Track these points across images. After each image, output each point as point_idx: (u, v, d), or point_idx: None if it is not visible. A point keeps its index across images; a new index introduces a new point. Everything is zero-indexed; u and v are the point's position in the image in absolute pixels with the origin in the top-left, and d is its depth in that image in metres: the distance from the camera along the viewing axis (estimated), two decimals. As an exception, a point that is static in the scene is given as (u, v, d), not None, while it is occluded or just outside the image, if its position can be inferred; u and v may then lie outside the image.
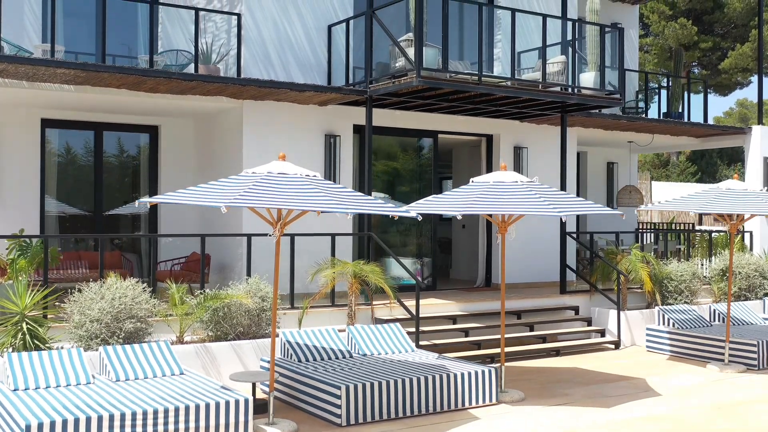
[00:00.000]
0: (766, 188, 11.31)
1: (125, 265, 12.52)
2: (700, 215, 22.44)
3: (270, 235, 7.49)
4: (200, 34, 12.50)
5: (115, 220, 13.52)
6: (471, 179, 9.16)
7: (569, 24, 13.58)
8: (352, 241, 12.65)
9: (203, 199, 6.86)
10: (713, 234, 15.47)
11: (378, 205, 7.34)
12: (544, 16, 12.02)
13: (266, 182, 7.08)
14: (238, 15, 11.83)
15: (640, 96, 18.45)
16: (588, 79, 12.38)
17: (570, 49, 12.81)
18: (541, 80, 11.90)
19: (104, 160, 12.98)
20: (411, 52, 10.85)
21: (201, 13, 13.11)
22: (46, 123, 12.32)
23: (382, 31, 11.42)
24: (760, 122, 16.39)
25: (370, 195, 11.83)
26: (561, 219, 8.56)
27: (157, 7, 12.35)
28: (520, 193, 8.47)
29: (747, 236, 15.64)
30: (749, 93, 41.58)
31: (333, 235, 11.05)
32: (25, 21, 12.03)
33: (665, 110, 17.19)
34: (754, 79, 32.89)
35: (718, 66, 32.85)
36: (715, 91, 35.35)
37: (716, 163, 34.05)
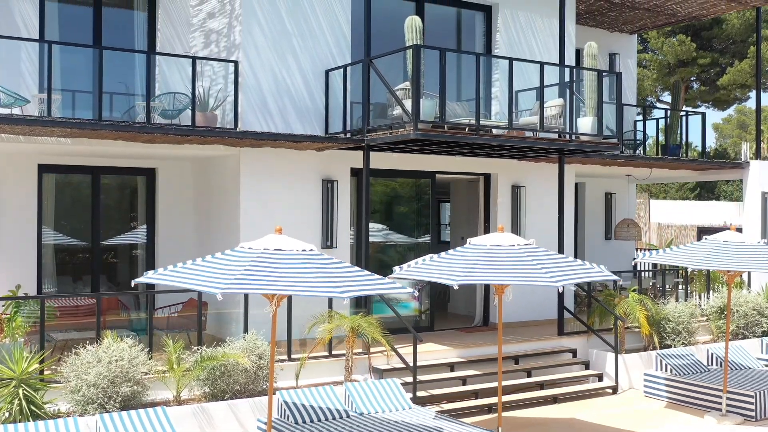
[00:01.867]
0: (764, 240, 11.27)
1: (122, 310, 12.51)
2: (699, 239, 22.36)
3: (266, 311, 7.48)
4: (198, 78, 12.48)
5: (113, 251, 13.51)
6: (468, 240, 9.16)
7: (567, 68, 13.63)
8: (349, 261, 12.59)
9: (200, 282, 6.85)
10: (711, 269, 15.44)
11: (374, 283, 7.33)
12: (542, 64, 12.01)
13: (262, 262, 7.07)
14: (236, 63, 11.81)
15: (638, 125, 18.45)
16: (585, 124, 12.37)
17: (568, 91, 12.80)
18: (538, 127, 11.88)
19: (102, 200, 12.95)
20: (408, 103, 10.84)
21: (199, 54, 13.12)
22: (43, 168, 12.30)
23: (381, 65, 11.43)
24: (758, 139, 16.39)
25: (368, 244, 11.84)
26: (558, 290, 8.55)
27: (154, 57, 12.35)
28: (517, 259, 8.46)
29: (745, 273, 15.63)
30: (748, 102, 41.48)
31: (330, 286, 11.02)
32: (22, 67, 12.01)
33: (663, 140, 17.16)
34: (753, 94, 32.89)
35: (717, 82, 32.81)
36: (713, 105, 35.36)
37: (715, 178, 34.07)
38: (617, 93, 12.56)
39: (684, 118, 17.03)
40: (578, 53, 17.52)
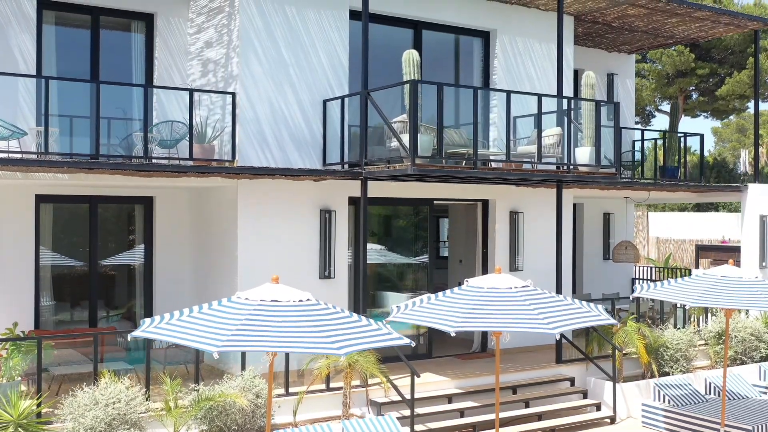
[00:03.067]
0: (762, 273, 11.30)
1: (119, 337, 12.49)
2: (698, 258, 22.44)
3: (264, 360, 7.48)
4: (195, 106, 12.47)
5: (111, 276, 13.49)
6: (465, 280, 9.15)
7: (567, 90, 13.65)
8: (346, 292, 12.67)
9: (197, 339, 6.83)
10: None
11: (371, 336, 7.31)
12: (539, 96, 12.01)
13: (258, 315, 7.05)
14: (233, 94, 11.79)
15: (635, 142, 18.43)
16: (583, 154, 12.36)
17: (566, 120, 12.80)
18: (536, 158, 11.88)
19: (99, 228, 12.94)
20: (406, 137, 10.82)
21: (197, 84, 13.11)
22: (40, 198, 12.28)
23: (379, 97, 11.44)
24: (756, 148, 16.32)
25: (366, 276, 11.83)
26: (555, 338, 8.54)
27: (152, 90, 12.35)
28: (515, 304, 8.44)
29: (743, 294, 15.60)
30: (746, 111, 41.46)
31: (328, 319, 11.02)
32: (20, 98, 11.97)
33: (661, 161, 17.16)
34: (751, 104, 32.86)
35: (716, 92, 32.81)
36: (712, 115, 35.37)
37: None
38: (615, 123, 12.54)
39: (682, 139, 17.02)
40: (576, 74, 17.54)
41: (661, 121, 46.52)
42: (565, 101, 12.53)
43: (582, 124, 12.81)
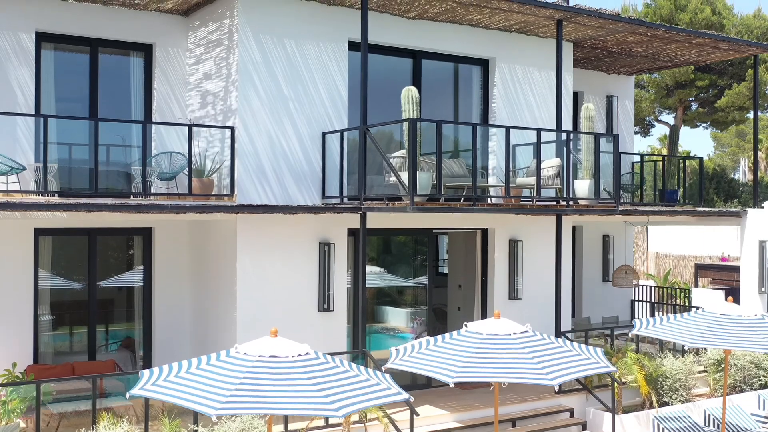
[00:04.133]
0: (760, 301, 11.29)
1: (118, 370, 12.49)
2: (697, 277, 22.44)
3: (262, 421, 7.49)
4: (194, 137, 12.47)
5: (110, 306, 13.48)
6: (465, 324, 9.14)
7: (566, 117, 13.64)
8: (345, 325, 12.65)
9: (195, 400, 6.82)
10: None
11: (371, 394, 7.31)
12: (538, 131, 12.00)
13: (257, 373, 7.05)
14: (232, 129, 11.78)
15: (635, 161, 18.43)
16: (582, 187, 12.35)
17: (565, 150, 12.80)
18: (535, 192, 11.86)
19: (98, 259, 12.92)
20: (405, 175, 10.81)
21: (196, 116, 13.11)
22: (39, 231, 12.27)
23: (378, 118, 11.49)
24: (756, 159, 16.27)
25: (365, 310, 11.82)
26: (554, 389, 8.55)
27: (150, 126, 12.35)
28: (514, 352, 8.44)
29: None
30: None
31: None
32: (18, 132, 11.97)
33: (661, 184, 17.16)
34: (751, 115, 32.83)
35: (715, 104, 32.78)
36: (712, 126, 35.31)
37: (713, 199, 34.00)
38: (615, 155, 12.53)
39: (681, 163, 17.01)
40: (576, 96, 17.55)
41: (660, 130, 46.69)
42: (564, 134, 12.49)
43: (581, 154, 12.79)
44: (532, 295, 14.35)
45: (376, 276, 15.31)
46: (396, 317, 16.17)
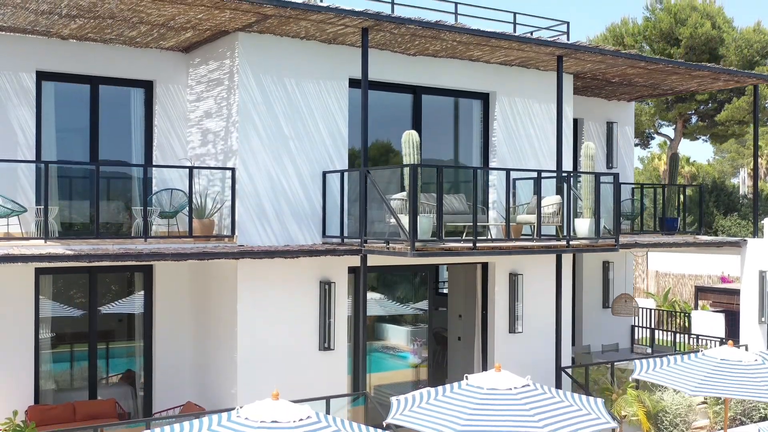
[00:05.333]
0: (760, 331, 11.27)
1: (119, 413, 12.50)
2: (696, 300, 22.45)
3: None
4: (195, 174, 12.48)
5: (111, 340, 13.49)
6: (465, 376, 9.15)
7: (566, 148, 13.65)
8: (346, 364, 12.68)
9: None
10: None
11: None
12: (539, 172, 12.00)
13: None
14: (232, 170, 11.79)
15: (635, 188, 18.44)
16: (582, 226, 12.36)
17: (565, 187, 12.81)
18: (535, 235, 11.88)
19: (99, 294, 12.94)
20: (405, 219, 10.82)
21: (197, 153, 13.12)
22: (40, 270, 12.28)
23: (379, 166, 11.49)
24: (755, 173, 16.23)
25: (365, 350, 11.84)
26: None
27: (151, 169, 12.37)
28: (515, 408, 8.45)
29: (742, 350, 15.63)
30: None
31: (328, 399, 11.08)
32: (18, 171, 11.97)
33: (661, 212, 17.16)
34: (751, 129, 32.82)
35: (715, 118, 32.81)
36: (711, 139, 35.36)
37: (712, 212, 34.02)
38: (615, 193, 12.54)
39: (681, 189, 17.03)
40: (576, 123, 17.57)
41: (660, 141, 46.67)
42: (566, 145, 12.53)
43: (581, 190, 12.80)
44: (533, 329, 14.37)
45: (375, 303, 15.35)
46: (396, 335, 16.21)
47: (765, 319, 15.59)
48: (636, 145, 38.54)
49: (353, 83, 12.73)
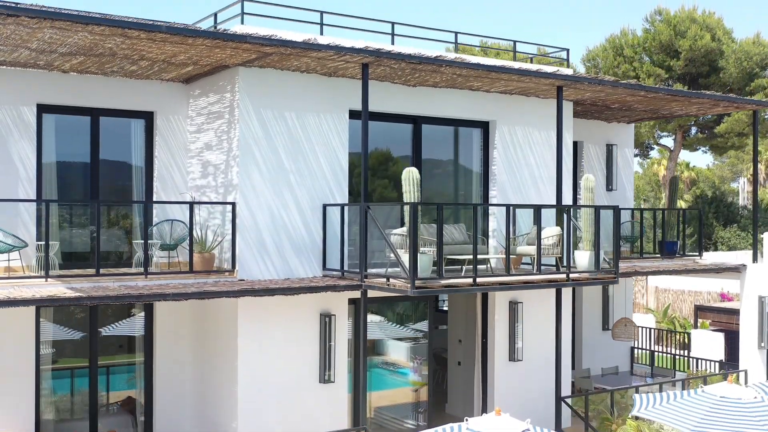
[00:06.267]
0: (759, 356, 11.26)
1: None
2: (696, 319, 22.47)
3: None
4: (195, 206, 12.50)
5: (111, 356, 13.53)
6: (465, 419, 9.17)
7: (566, 176, 13.67)
8: (347, 396, 12.70)
9: None
10: (707, 377, 15.55)
11: None
12: (538, 208, 12.01)
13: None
14: (233, 204, 11.81)
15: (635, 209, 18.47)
16: (582, 259, 12.38)
17: (565, 217, 12.84)
18: (535, 269, 11.90)
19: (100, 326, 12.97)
20: (405, 257, 10.84)
21: (197, 184, 13.14)
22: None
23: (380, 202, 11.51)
24: (755, 186, 16.24)
25: (366, 383, 11.87)
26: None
27: (152, 192, 12.38)
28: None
29: (742, 375, 15.67)
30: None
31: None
32: (20, 206, 11.98)
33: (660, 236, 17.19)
34: (750, 141, 32.86)
35: (714, 129, 32.85)
36: (711, 151, 35.41)
37: (712, 224, 34.09)
38: (615, 226, 12.56)
39: (680, 213, 17.05)
40: (575, 146, 17.60)
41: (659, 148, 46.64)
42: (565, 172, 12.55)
43: (580, 221, 12.81)
44: (533, 357, 14.40)
45: (375, 325, 15.36)
46: (396, 350, 16.21)
47: (765, 344, 15.61)
48: (636, 155, 38.59)
49: (353, 114, 12.75)
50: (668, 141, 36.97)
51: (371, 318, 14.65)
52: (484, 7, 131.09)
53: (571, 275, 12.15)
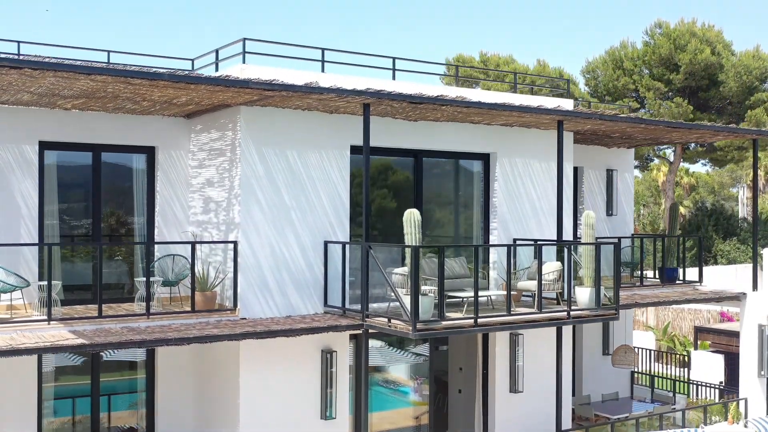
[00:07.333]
0: (759, 384, 11.28)
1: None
2: (696, 341, 22.51)
3: None
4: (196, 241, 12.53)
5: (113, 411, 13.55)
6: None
7: (566, 205, 13.69)
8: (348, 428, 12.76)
9: None
10: (708, 406, 15.61)
11: None
12: (539, 244, 12.05)
13: None
14: (235, 243, 11.84)
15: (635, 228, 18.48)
16: (583, 296, 12.42)
17: (566, 252, 12.88)
18: (536, 308, 11.94)
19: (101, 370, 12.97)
20: (407, 300, 10.87)
21: (199, 219, 13.17)
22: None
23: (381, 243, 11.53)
24: (754, 198, 16.25)
25: (367, 420, 11.90)
26: None
27: (153, 225, 12.40)
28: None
29: (742, 403, 15.71)
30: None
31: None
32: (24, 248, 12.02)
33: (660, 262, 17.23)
34: (749, 154, 32.90)
35: (714, 143, 32.90)
36: (711, 163, 35.48)
37: (712, 236, 34.13)
38: (615, 262, 12.59)
39: (680, 239, 17.10)
40: (576, 171, 17.64)
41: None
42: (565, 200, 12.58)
43: (581, 256, 12.85)
44: (534, 388, 14.43)
45: (375, 351, 15.39)
46: (396, 368, 16.24)
47: (765, 372, 15.66)
48: (635, 167, 38.60)
49: (354, 150, 12.78)
50: (668, 152, 37.06)
51: (372, 343, 14.68)
52: (482, 19, 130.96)
53: (571, 312, 12.18)
